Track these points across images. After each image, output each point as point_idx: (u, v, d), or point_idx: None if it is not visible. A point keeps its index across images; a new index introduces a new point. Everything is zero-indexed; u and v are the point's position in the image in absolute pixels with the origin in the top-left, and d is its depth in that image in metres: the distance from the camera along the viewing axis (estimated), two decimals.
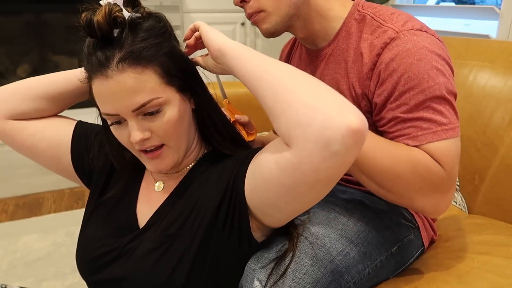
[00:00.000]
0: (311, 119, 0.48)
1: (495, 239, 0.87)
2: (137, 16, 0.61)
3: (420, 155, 0.64)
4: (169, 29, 0.65)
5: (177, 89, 0.63)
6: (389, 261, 0.76)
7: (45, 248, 1.66)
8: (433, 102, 0.66)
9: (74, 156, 0.78)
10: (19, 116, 0.75)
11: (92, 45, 0.60)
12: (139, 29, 0.60)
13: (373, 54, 0.71)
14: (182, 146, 0.66)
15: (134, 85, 0.58)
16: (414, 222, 0.82)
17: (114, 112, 0.60)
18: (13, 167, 2.09)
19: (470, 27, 1.92)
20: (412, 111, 0.66)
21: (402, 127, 0.67)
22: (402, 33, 0.69)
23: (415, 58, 0.66)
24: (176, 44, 0.66)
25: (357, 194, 0.80)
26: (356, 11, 0.77)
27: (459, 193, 1.19)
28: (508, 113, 1.05)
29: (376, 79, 0.70)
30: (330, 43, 0.80)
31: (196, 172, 0.70)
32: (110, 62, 0.57)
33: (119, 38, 0.59)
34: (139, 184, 0.75)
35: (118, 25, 0.58)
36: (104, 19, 0.56)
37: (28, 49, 2.42)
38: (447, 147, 0.65)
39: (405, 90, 0.67)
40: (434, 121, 0.65)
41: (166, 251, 0.63)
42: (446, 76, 0.67)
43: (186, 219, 0.65)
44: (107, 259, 0.68)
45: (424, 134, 0.65)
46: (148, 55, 0.59)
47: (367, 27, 0.74)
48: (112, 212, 0.73)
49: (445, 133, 0.65)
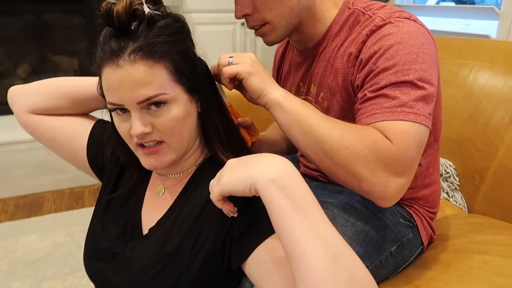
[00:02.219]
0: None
1: (495, 239, 0.87)
2: (157, 13, 0.61)
3: (368, 130, 0.62)
4: (186, 30, 0.65)
5: (186, 89, 0.63)
6: (389, 261, 0.75)
7: (45, 248, 1.66)
8: (403, 85, 0.64)
9: (90, 153, 0.80)
10: (41, 111, 0.79)
11: (109, 34, 0.60)
12: (156, 26, 0.60)
13: (359, 42, 0.71)
14: (181, 146, 0.65)
15: (143, 77, 0.58)
16: (413, 221, 0.82)
17: (119, 102, 0.60)
18: (13, 167, 2.09)
19: (470, 27, 1.92)
20: (379, 89, 0.65)
21: (365, 105, 0.66)
22: (389, 20, 0.69)
23: (396, 41, 0.66)
24: (191, 46, 0.66)
25: (355, 194, 0.80)
26: (347, 8, 0.77)
27: (459, 192, 1.19)
28: (508, 113, 1.05)
29: (358, 64, 0.70)
30: (320, 41, 0.80)
31: (198, 177, 0.70)
32: (123, 52, 0.58)
33: (136, 30, 0.59)
34: (146, 186, 0.75)
35: (136, 18, 0.59)
36: (124, 9, 0.57)
37: (28, 49, 2.42)
38: (403, 128, 0.62)
39: (380, 71, 0.66)
40: (397, 101, 0.63)
41: (163, 269, 0.63)
42: (425, 64, 0.65)
43: (186, 237, 0.64)
44: (107, 254, 0.69)
45: (381, 113, 0.63)
46: (161, 51, 0.59)
47: (356, 22, 0.74)
48: (119, 212, 0.74)
49: (405, 115, 0.62)
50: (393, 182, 0.61)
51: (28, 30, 2.37)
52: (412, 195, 0.83)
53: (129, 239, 0.70)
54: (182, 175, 0.71)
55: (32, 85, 0.80)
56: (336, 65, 0.77)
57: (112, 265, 0.68)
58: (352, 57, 0.72)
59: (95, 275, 0.72)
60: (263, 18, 0.76)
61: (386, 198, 0.63)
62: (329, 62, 0.79)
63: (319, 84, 0.82)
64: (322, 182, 0.91)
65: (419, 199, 0.84)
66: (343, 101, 0.77)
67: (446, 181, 1.21)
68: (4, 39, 2.33)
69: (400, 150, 0.61)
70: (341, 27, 0.77)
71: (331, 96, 0.79)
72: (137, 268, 0.65)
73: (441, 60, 1.27)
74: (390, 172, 0.61)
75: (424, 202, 0.85)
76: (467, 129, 1.14)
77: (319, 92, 0.82)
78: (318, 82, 0.82)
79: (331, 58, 0.78)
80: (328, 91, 0.80)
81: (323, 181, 0.91)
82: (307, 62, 0.85)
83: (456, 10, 1.92)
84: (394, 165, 0.61)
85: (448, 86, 1.21)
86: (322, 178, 0.91)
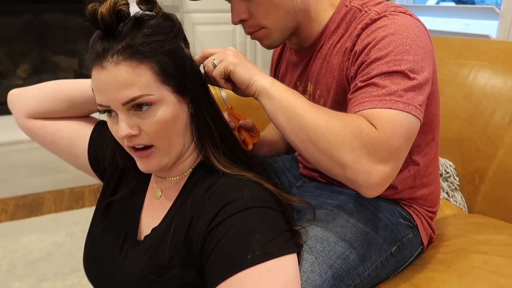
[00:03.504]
0: None
1: (496, 239, 0.87)
2: (146, 13, 0.61)
3: (354, 116, 0.62)
4: (177, 29, 0.64)
5: (173, 89, 0.61)
6: (389, 262, 0.75)
7: (45, 248, 1.66)
8: (393, 75, 0.63)
9: (91, 156, 0.80)
10: (40, 115, 0.79)
11: (96, 37, 0.60)
12: (144, 26, 0.60)
13: (353, 36, 0.71)
14: (172, 149, 0.64)
15: (126, 78, 0.57)
16: (413, 221, 0.82)
17: (105, 104, 0.60)
18: (13, 167, 2.09)
19: (470, 27, 1.92)
20: (370, 79, 0.65)
21: (356, 94, 0.66)
22: (384, 14, 0.69)
23: (389, 32, 0.66)
24: (182, 45, 0.65)
25: (354, 194, 0.80)
26: (344, 6, 0.77)
27: (459, 192, 1.19)
28: (508, 113, 1.05)
29: (352, 56, 0.70)
30: (317, 40, 0.80)
31: (192, 180, 0.68)
32: (107, 54, 0.57)
33: (120, 31, 0.58)
34: (145, 189, 0.75)
35: (120, 19, 0.58)
36: (108, 11, 0.56)
37: (28, 49, 2.42)
38: (389, 116, 0.61)
39: (372, 61, 0.65)
40: (386, 90, 0.62)
41: (154, 282, 0.61)
42: (418, 56, 0.65)
43: (178, 250, 0.62)
44: (105, 258, 0.69)
45: (370, 101, 0.63)
46: (146, 51, 0.58)
47: (353, 19, 0.74)
48: (119, 215, 0.73)
49: (393, 103, 0.61)
50: (377, 169, 0.59)
51: (28, 30, 2.37)
52: (411, 195, 0.83)
53: (125, 243, 0.69)
54: (179, 178, 0.70)
55: (30, 89, 0.79)
56: (332, 62, 0.77)
57: (108, 269, 0.68)
58: (347, 51, 0.72)
59: (93, 278, 0.71)
60: (259, 23, 0.75)
61: (369, 187, 0.61)
62: (325, 60, 0.79)
63: (316, 82, 0.82)
64: (321, 183, 0.91)
65: (418, 198, 0.84)
66: (337, 96, 0.77)
67: (446, 181, 1.21)
68: (4, 39, 2.33)
69: (385, 136, 0.59)
70: (338, 25, 0.77)
71: (327, 93, 0.79)
72: (125, 277, 0.64)
73: (441, 60, 1.27)
74: (374, 159, 0.59)
75: (424, 201, 0.85)
76: (467, 129, 1.14)
77: (316, 90, 0.82)
78: (315, 80, 0.82)
79: (327, 55, 0.78)
80: (324, 89, 0.80)
81: (322, 181, 0.91)
82: (304, 61, 0.85)
83: (456, 10, 1.92)
84: (378, 151, 0.59)
85: (448, 86, 1.21)
86: (321, 179, 0.91)
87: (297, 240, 0.63)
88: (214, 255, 0.56)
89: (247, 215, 0.57)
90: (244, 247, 0.54)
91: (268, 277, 0.52)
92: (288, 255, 0.55)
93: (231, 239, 0.55)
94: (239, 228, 0.56)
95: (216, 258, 0.55)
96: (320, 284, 0.62)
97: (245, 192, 0.60)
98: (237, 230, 0.56)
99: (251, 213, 0.57)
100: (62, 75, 2.51)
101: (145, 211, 0.72)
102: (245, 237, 0.55)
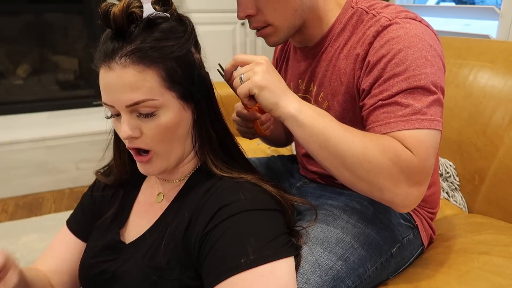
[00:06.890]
0: None
1: (496, 239, 0.87)
2: (160, 15, 0.60)
3: (388, 140, 0.62)
4: (189, 34, 0.63)
5: (178, 96, 0.61)
6: (389, 262, 0.75)
7: (45, 248, 1.65)
8: (415, 92, 0.64)
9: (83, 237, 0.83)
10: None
11: (107, 35, 0.60)
12: (156, 29, 0.59)
13: (365, 43, 0.70)
14: (172, 155, 0.64)
15: (132, 82, 0.57)
16: (413, 221, 0.82)
17: (110, 103, 0.60)
18: (13, 167, 2.09)
19: (470, 27, 1.92)
20: (391, 97, 0.64)
21: (378, 113, 0.66)
22: (395, 20, 0.68)
23: (404, 45, 0.65)
24: (192, 50, 0.63)
25: (354, 195, 0.80)
26: (350, 7, 0.77)
27: (459, 192, 1.19)
28: (508, 113, 1.05)
29: (365, 66, 0.70)
30: (321, 41, 0.80)
31: (191, 182, 0.68)
32: (116, 55, 0.57)
33: (132, 33, 0.58)
34: (133, 200, 0.75)
35: (132, 21, 0.58)
36: (120, 12, 0.56)
37: (28, 49, 2.42)
38: (420, 137, 0.62)
39: (389, 76, 0.65)
40: (410, 109, 0.63)
41: (154, 283, 0.61)
42: (435, 68, 0.65)
43: (177, 252, 0.62)
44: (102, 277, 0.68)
45: (396, 122, 0.63)
46: (155, 56, 0.58)
47: (360, 21, 0.74)
48: (106, 230, 0.73)
49: (420, 122, 0.62)
50: (414, 191, 0.62)
51: (28, 30, 2.37)
52: None
53: (119, 250, 0.69)
54: (180, 180, 0.70)
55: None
56: (339, 66, 0.76)
57: (105, 279, 0.67)
58: (359, 59, 0.71)
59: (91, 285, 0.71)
60: (266, 19, 0.75)
61: (406, 206, 0.64)
62: (331, 62, 0.78)
63: (320, 84, 0.82)
64: (321, 184, 0.91)
65: None
66: (345, 103, 0.77)
67: (446, 181, 1.21)
68: (4, 39, 2.34)
69: (421, 160, 0.61)
70: (344, 27, 0.76)
71: (332, 97, 0.79)
72: (125, 280, 0.64)
73: None
74: (411, 182, 0.62)
75: (424, 203, 0.85)
76: (467, 129, 1.14)
77: (319, 92, 0.82)
78: (319, 82, 0.82)
79: (334, 58, 0.78)
80: (329, 92, 0.79)
81: (322, 183, 0.91)
82: (307, 61, 0.85)
83: (456, 10, 1.92)
84: (415, 175, 0.62)
85: (448, 86, 1.21)
86: (321, 180, 0.91)
87: (296, 241, 0.63)
88: (210, 257, 0.56)
89: (243, 218, 0.57)
90: (239, 251, 0.54)
91: (260, 283, 0.52)
92: (283, 259, 0.55)
93: (226, 242, 0.55)
94: (234, 231, 0.56)
95: (212, 261, 0.55)
96: (321, 285, 0.62)
97: (242, 194, 0.60)
98: (232, 233, 0.55)
99: (247, 216, 0.57)
100: (62, 75, 2.51)
101: (136, 216, 0.72)
102: (240, 241, 0.54)
